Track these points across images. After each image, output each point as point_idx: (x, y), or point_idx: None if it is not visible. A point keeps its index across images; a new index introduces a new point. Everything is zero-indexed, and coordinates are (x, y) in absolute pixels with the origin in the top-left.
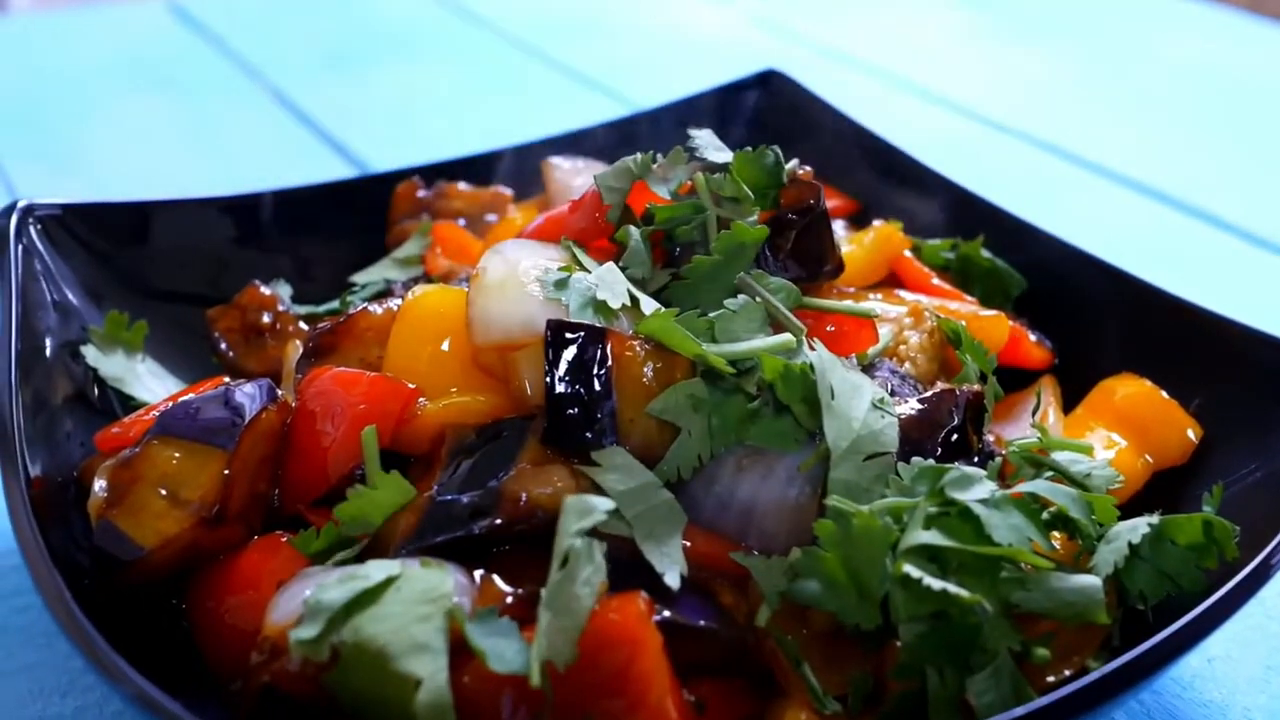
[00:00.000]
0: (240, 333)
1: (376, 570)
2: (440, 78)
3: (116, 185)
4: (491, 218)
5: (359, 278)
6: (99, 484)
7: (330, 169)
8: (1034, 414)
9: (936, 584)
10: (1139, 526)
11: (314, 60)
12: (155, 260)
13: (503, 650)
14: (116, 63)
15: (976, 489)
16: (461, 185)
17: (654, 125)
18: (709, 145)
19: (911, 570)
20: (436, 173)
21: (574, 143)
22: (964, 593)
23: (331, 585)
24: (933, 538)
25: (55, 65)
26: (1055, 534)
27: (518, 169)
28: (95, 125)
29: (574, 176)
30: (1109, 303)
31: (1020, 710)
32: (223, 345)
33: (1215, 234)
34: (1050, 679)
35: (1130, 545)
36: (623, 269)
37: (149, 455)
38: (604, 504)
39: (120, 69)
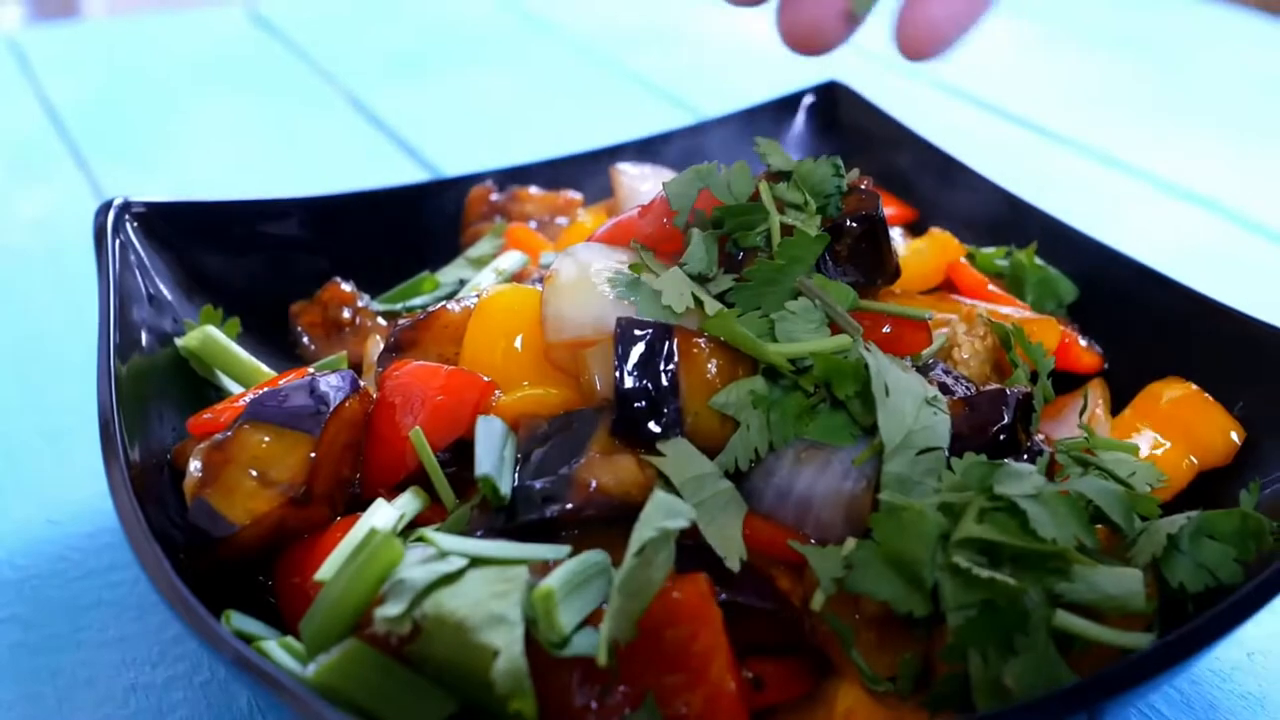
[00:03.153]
0: (321, 327)
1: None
2: (508, 84)
3: (197, 186)
4: (561, 221)
5: (437, 276)
6: (194, 465)
7: (403, 172)
8: (1081, 415)
9: (985, 573)
10: (1178, 520)
11: (387, 66)
12: (241, 256)
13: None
14: (196, 67)
15: (1025, 485)
16: (533, 189)
17: (718, 133)
18: (773, 153)
19: (961, 560)
20: (509, 177)
21: (641, 150)
22: (1011, 581)
23: (414, 565)
24: (983, 531)
25: (137, 68)
26: (1100, 527)
27: (587, 174)
28: (176, 127)
29: (641, 182)
30: (1158, 309)
31: (1058, 689)
32: (305, 339)
33: (1265, 244)
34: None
35: (1169, 536)
36: (682, 265)
37: (241, 439)
38: (690, 511)
39: (200, 73)
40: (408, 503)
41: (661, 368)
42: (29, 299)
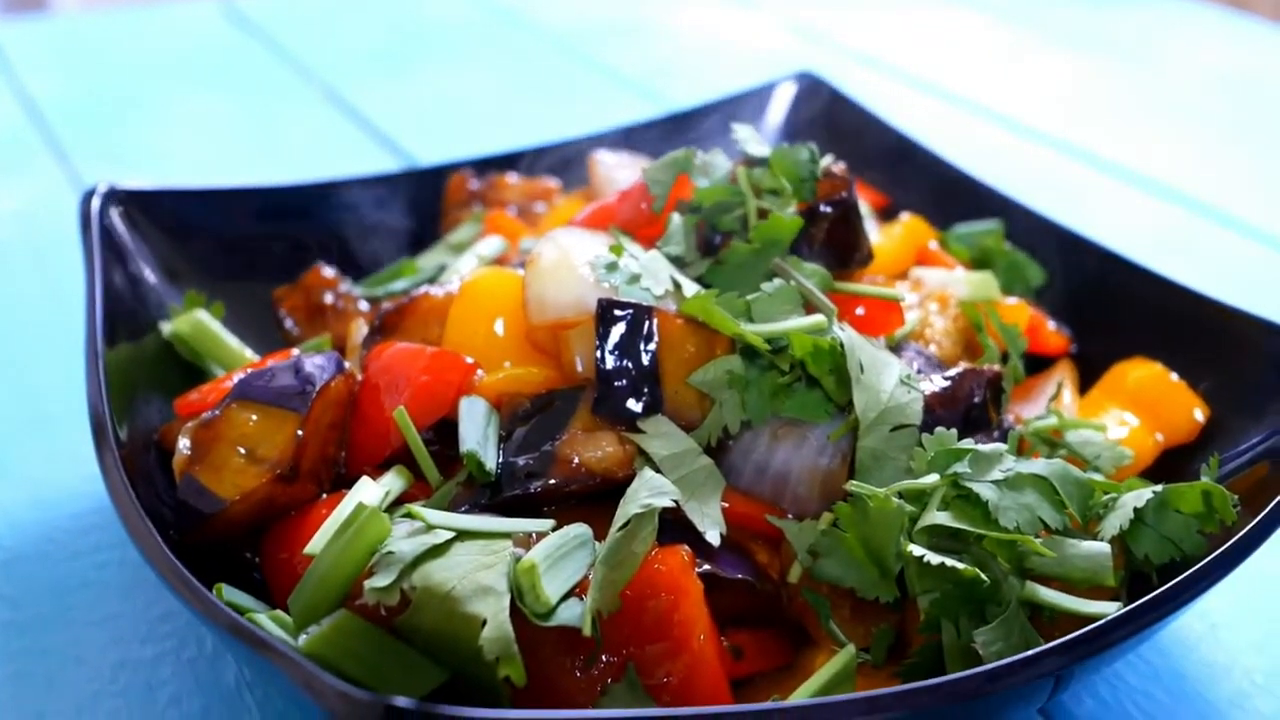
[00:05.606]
0: (305, 311)
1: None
2: (483, 77)
3: (175, 179)
4: (539, 207)
5: (417, 262)
6: (183, 443)
7: (380, 163)
8: (1051, 401)
9: (936, 560)
10: (1144, 494)
11: (363, 60)
12: (225, 242)
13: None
14: (173, 61)
15: (993, 470)
16: (511, 177)
17: (694, 122)
18: (749, 140)
19: (915, 549)
20: (488, 165)
21: (618, 139)
22: (959, 565)
23: (402, 538)
24: (945, 519)
25: (114, 63)
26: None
27: (564, 162)
28: (154, 121)
29: (617, 170)
30: (1124, 293)
31: (1024, 654)
32: (288, 323)
33: (1223, 231)
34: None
35: (1135, 510)
36: (659, 246)
37: (229, 417)
38: (675, 491)
39: (176, 67)
40: (392, 480)
41: (642, 347)
42: (10, 288)
